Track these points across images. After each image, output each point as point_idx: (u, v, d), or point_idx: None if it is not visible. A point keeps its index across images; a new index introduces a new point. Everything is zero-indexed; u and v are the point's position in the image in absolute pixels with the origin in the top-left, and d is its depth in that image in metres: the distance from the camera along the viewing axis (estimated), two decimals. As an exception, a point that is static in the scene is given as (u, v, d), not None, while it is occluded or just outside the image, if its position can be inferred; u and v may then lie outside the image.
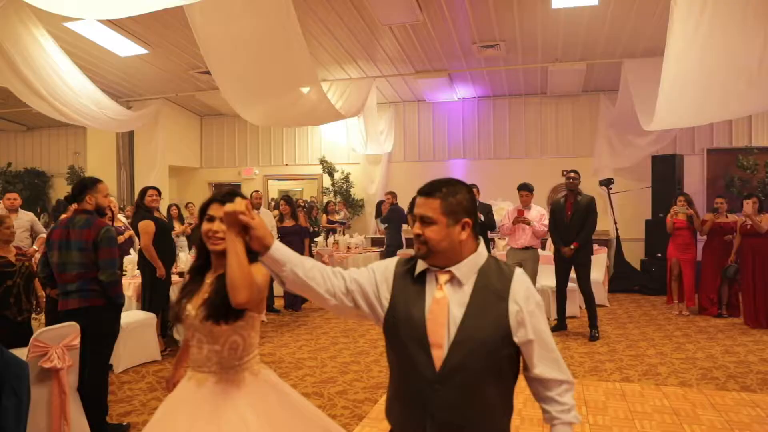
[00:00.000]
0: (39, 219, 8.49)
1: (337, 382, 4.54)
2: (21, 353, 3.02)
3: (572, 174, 5.97)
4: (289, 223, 7.65)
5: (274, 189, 12.08)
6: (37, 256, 4.47)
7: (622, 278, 8.53)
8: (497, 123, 9.77)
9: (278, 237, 7.63)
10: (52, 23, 6.36)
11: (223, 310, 1.83)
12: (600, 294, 7.30)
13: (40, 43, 6.39)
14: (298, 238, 7.59)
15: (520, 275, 1.52)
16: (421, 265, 1.55)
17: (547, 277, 6.66)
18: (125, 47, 7.49)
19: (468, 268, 1.51)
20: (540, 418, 3.69)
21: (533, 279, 6.22)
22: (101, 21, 6.64)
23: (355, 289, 1.59)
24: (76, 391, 3.29)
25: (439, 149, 10.11)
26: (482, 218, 6.45)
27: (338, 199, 10.51)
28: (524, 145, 9.64)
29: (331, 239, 9.12)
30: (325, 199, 10.60)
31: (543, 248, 7.42)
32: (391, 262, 1.64)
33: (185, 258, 6.13)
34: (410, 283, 1.56)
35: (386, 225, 8.58)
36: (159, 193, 5.42)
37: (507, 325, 1.46)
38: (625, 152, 8.81)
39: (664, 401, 4.06)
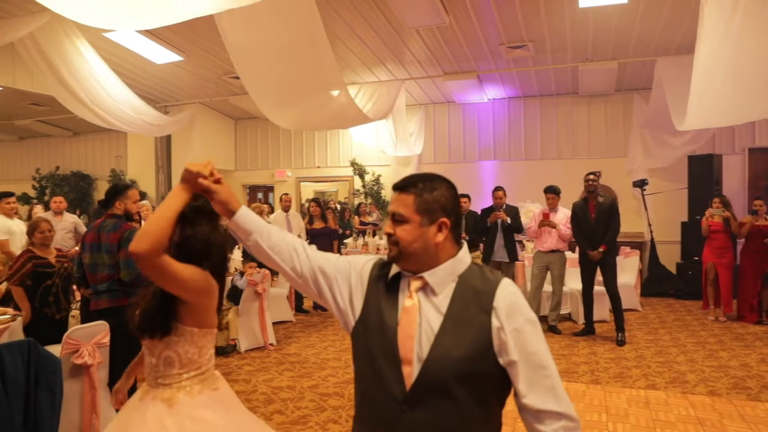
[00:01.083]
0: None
1: (358, 383, 4.61)
2: (57, 350, 3.21)
3: (591, 176, 5.89)
4: (318, 225, 7.78)
5: (308, 191, 12.24)
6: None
7: (656, 282, 8.31)
8: (528, 124, 9.66)
9: (307, 239, 7.79)
10: (93, 34, 6.65)
11: (151, 322, 1.77)
12: (632, 298, 7.15)
13: (82, 53, 6.71)
14: (327, 240, 7.72)
15: (506, 285, 1.32)
16: (394, 269, 1.39)
17: (575, 280, 6.57)
18: (161, 55, 7.75)
19: (444, 275, 1.33)
20: None
21: (560, 282, 6.17)
22: (139, 31, 6.92)
23: (323, 282, 1.45)
24: (106, 386, 3.46)
25: (470, 150, 10.07)
26: (509, 221, 6.41)
27: (369, 200, 10.60)
28: (555, 146, 9.50)
29: (360, 240, 9.21)
30: (356, 201, 10.71)
31: (573, 251, 7.32)
32: (368, 263, 1.47)
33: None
34: (384, 288, 1.39)
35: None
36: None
37: (489, 342, 1.26)
38: (659, 152, 8.58)
39: (689, 410, 3.96)
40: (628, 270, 7.51)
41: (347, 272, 1.46)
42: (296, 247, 1.48)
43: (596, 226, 5.83)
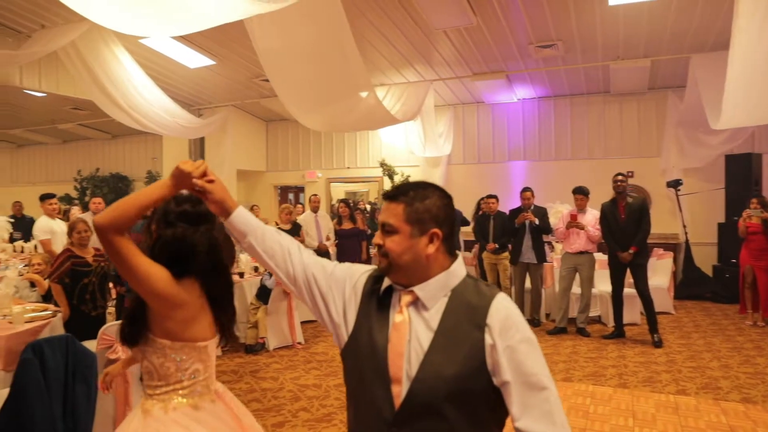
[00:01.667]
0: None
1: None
2: (94, 345, 3.36)
3: (620, 177, 5.80)
4: (347, 225, 7.86)
5: (339, 191, 12.34)
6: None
7: (691, 285, 8.10)
8: (558, 123, 9.53)
9: (336, 239, 7.87)
10: (130, 41, 6.88)
11: (123, 327, 1.75)
12: (664, 301, 6.99)
13: (119, 59, 6.96)
14: (356, 241, 7.79)
15: (501, 300, 1.24)
16: (386, 282, 1.33)
17: (605, 281, 6.46)
18: (194, 59, 7.96)
19: (435, 289, 1.26)
20: (582, 429, 3.65)
21: (589, 284, 6.09)
22: (172, 36, 7.12)
23: (317, 292, 1.41)
24: (138, 380, 3.59)
25: (499, 151, 10.00)
26: (537, 222, 6.36)
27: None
28: (587, 145, 9.35)
29: (388, 241, 9.25)
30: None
31: (604, 252, 7.20)
32: (363, 276, 1.40)
33: (245, 259, 6.45)
34: (375, 303, 1.33)
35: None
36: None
37: (482, 360, 1.19)
38: (695, 152, 8.35)
39: (720, 417, 3.87)
40: (661, 272, 7.35)
41: (343, 283, 1.39)
42: (291, 252, 1.43)
43: (626, 227, 5.74)
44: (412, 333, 1.24)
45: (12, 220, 8.84)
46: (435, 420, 1.19)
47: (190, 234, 1.74)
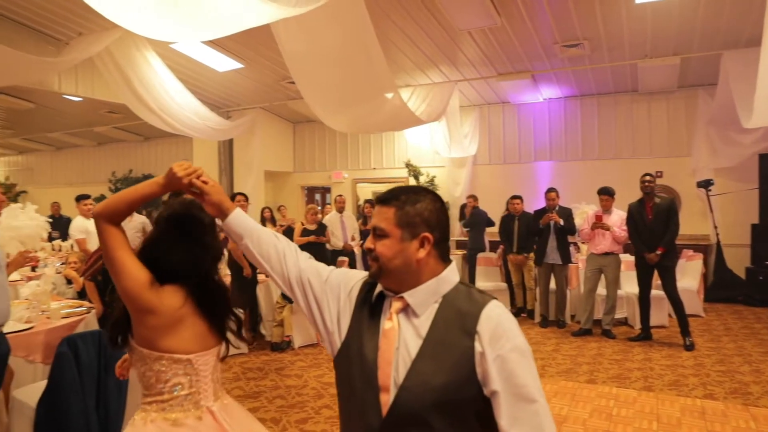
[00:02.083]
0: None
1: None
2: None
3: (647, 177, 5.71)
4: (372, 225, 7.92)
5: (366, 192, 12.39)
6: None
7: (722, 287, 7.90)
8: (585, 123, 9.41)
9: (361, 239, 7.95)
10: (161, 45, 7.08)
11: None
12: (694, 303, 6.85)
13: (150, 64, 7.17)
14: (380, 240, 7.84)
15: (494, 308, 1.20)
16: (378, 287, 1.31)
17: (632, 283, 6.38)
18: (223, 63, 8.14)
19: (425, 295, 1.23)
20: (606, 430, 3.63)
21: (615, 285, 6.02)
22: (202, 41, 7.30)
23: (311, 297, 1.40)
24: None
25: (525, 151, 9.93)
26: (561, 223, 6.32)
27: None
28: (614, 145, 9.21)
29: (413, 241, 9.28)
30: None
31: (631, 253, 7.10)
32: (359, 283, 1.38)
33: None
34: (368, 310, 1.31)
35: (468, 228, 8.61)
36: (246, 198, 5.88)
37: (471, 368, 1.15)
38: (727, 151, 8.14)
39: (750, 423, 3.79)
40: (690, 274, 7.20)
41: (338, 290, 1.38)
42: (287, 256, 1.43)
43: (653, 228, 5.65)
44: (401, 340, 1.21)
45: (50, 220, 9.16)
46: (422, 430, 1.15)
47: (172, 239, 1.70)
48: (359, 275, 1.40)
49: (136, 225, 7.08)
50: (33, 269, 6.27)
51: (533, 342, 5.95)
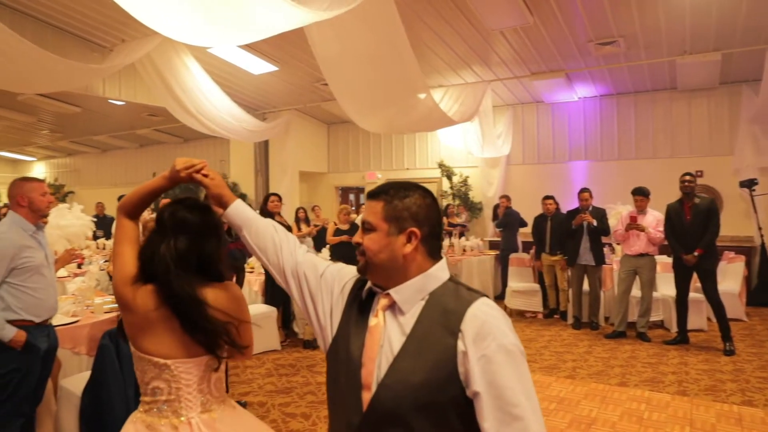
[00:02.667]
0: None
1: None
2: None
3: (687, 177, 5.56)
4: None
5: (400, 192, 12.45)
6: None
7: (766, 290, 7.63)
8: (622, 122, 9.22)
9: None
10: (198, 50, 7.31)
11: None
12: (735, 307, 6.65)
13: (188, 68, 7.41)
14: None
15: (481, 306, 1.15)
16: (368, 284, 1.30)
17: (667, 285, 6.24)
18: (258, 66, 8.32)
19: (411, 292, 1.21)
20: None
21: (650, 287, 5.91)
22: (238, 45, 7.50)
23: (306, 291, 1.40)
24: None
25: (559, 151, 9.80)
26: (594, 223, 6.23)
27: (457, 202, 10.64)
28: (652, 144, 9.00)
29: (446, 242, 9.28)
30: (444, 203, 10.80)
31: (668, 255, 6.93)
32: (352, 279, 1.37)
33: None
34: (357, 307, 1.29)
35: (501, 229, 8.56)
36: (280, 198, 6.01)
37: (453, 368, 1.11)
38: (772, 149, 7.86)
39: (790, 430, 3.68)
40: (731, 276, 6.99)
41: (332, 285, 1.37)
42: (283, 249, 1.44)
43: (691, 229, 5.51)
44: (385, 337, 1.19)
45: (95, 220, 9.56)
46: (402, 429, 1.12)
47: (155, 239, 1.69)
48: (354, 271, 1.37)
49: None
50: (79, 266, 6.57)
51: (565, 344, 5.90)
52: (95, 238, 9.57)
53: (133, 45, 7.08)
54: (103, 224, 10.37)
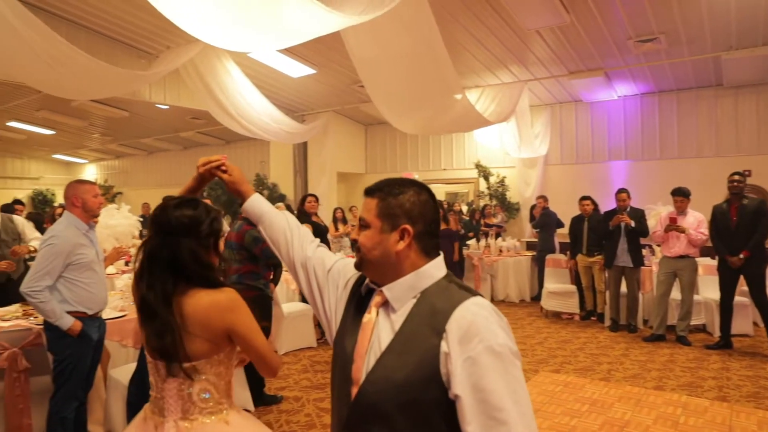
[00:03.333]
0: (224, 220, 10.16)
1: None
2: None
3: (736, 176, 5.41)
4: (440, 226, 8.01)
5: (439, 192, 12.37)
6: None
7: (819, 295, 7.30)
8: (664, 120, 8.98)
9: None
10: (239, 54, 7.53)
11: None
12: (784, 312, 6.39)
13: (229, 72, 7.65)
14: (448, 242, 7.91)
15: (470, 306, 1.12)
16: (366, 280, 1.31)
17: (710, 288, 6.08)
18: (296, 69, 8.50)
19: (403, 290, 1.20)
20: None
21: (690, 290, 5.77)
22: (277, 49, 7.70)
23: (314, 285, 1.43)
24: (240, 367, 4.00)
25: (599, 150, 9.63)
26: (632, 224, 6.12)
27: (494, 202, 10.60)
28: (696, 143, 8.73)
29: (482, 242, 9.26)
30: (481, 203, 10.77)
31: (712, 257, 6.74)
32: (355, 275, 1.38)
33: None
34: (356, 302, 1.32)
35: (538, 229, 8.49)
36: (317, 199, 6.15)
37: (435, 369, 1.09)
38: (825, 148, 7.51)
39: (836, 439, 3.56)
40: (780, 280, 6.72)
41: (337, 280, 1.40)
42: (294, 244, 1.48)
43: (737, 231, 5.36)
44: (375, 334, 1.20)
45: (141, 219, 9.96)
46: (385, 426, 1.12)
47: (146, 238, 1.74)
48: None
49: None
50: (126, 263, 6.87)
51: (601, 346, 5.82)
52: (141, 237, 9.96)
53: (178, 51, 7.36)
54: (148, 223, 10.77)
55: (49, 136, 13.77)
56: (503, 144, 9.96)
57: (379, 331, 1.20)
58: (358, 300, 1.31)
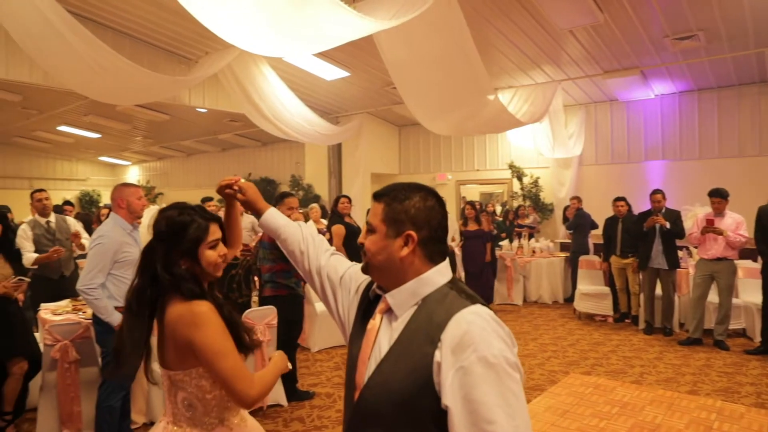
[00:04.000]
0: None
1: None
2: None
3: None
4: (472, 227, 8.02)
5: (473, 192, 12.36)
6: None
7: None
8: (703, 119, 8.75)
9: (461, 240, 8.09)
10: (274, 58, 7.72)
11: None
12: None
13: (265, 76, 7.86)
14: (480, 242, 7.93)
15: (466, 315, 1.10)
16: (374, 285, 1.32)
17: (750, 291, 5.92)
18: (330, 72, 8.65)
19: (404, 296, 1.20)
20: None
21: (728, 293, 5.64)
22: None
23: (329, 291, 1.47)
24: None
25: (635, 150, 9.45)
26: (668, 226, 6.02)
27: (528, 203, 10.53)
28: (737, 142, 8.47)
29: (515, 243, 9.22)
30: (515, 204, 10.72)
31: (755, 260, 6.56)
32: (366, 280, 1.40)
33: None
34: (364, 308, 1.34)
35: (572, 230, 8.40)
36: (350, 200, 6.27)
37: (428, 378, 1.08)
38: None
39: None
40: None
41: (349, 286, 1.43)
42: (309, 256, 1.52)
43: None
44: (377, 340, 1.20)
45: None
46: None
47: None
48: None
49: (247, 224, 7.76)
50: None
51: (634, 349, 5.74)
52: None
53: (216, 56, 7.61)
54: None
55: (95, 140, 14.38)
56: (537, 144, 9.90)
57: (381, 337, 1.20)
58: (367, 305, 1.32)
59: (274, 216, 1.60)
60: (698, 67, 7.81)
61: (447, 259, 1.26)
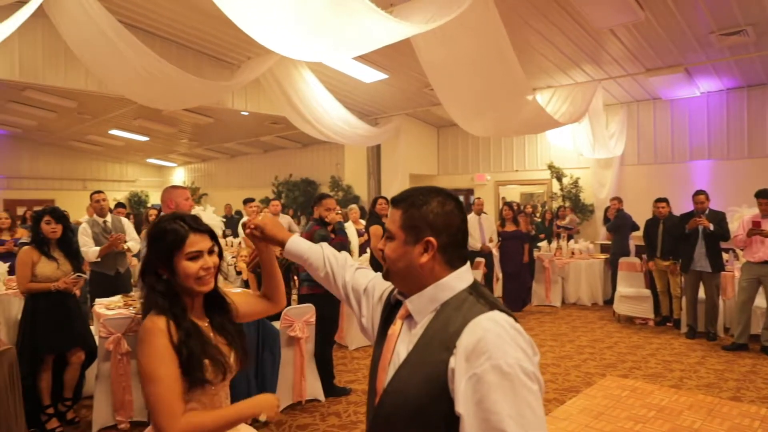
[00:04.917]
0: (300, 222, 10.71)
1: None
2: (278, 324, 4.11)
3: None
4: (510, 228, 8.01)
5: (514, 193, 12.27)
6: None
7: None
8: (753, 117, 8.43)
9: (499, 241, 8.08)
10: (314, 62, 7.90)
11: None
12: None
13: (305, 79, 8.05)
14: (518, 243, 7.91)
15: (483, 321, 1.08)
16: (395, 291, 1.33)
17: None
18: (369, 74, 8.77)
19: (423, 302, 1.19)
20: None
21: (776, 298, 5.44)
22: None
23: (353, 300, 1.50)
24: (312, 357, 4.28)
25: (679, 150, 9.19)
26: (711, 227, 5.86)
27: (567, 203, 10.40)
28: (789, 140, 8.16)
29: (553, 244, 9.13)
30: (554, 205, 10.60)
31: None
32: (390, 287, 1.41)
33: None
34: (386, 314, 1.34)
35: (612, 232, 8.26)
36: (387, 201, 6.36)
37: (443, 385, 1.07)
38: None
39: None
40: None
41: (373, 293, 1.45)
42: (336, 277, 1.55)
43: None
44: (396, 347, 1.21)
45: (224, 220, 10.63)
46: None
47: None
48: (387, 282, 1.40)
49: (284, 224, 7.95)
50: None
51: (675, 353, 5.63)
52: (224, 236, 10.63)
53: (257, 61, 7.85)
54: (230, 223, 11.48)
55: (143, 142, 15.00)
56: (576, 144, 9.76)
57: (400, 344, 1.20)
58: (389, 311, 1.33)
59: (296, 243, 1.60)
60: (747, 63, 7.56)
61: (468, 263, 1.25)
